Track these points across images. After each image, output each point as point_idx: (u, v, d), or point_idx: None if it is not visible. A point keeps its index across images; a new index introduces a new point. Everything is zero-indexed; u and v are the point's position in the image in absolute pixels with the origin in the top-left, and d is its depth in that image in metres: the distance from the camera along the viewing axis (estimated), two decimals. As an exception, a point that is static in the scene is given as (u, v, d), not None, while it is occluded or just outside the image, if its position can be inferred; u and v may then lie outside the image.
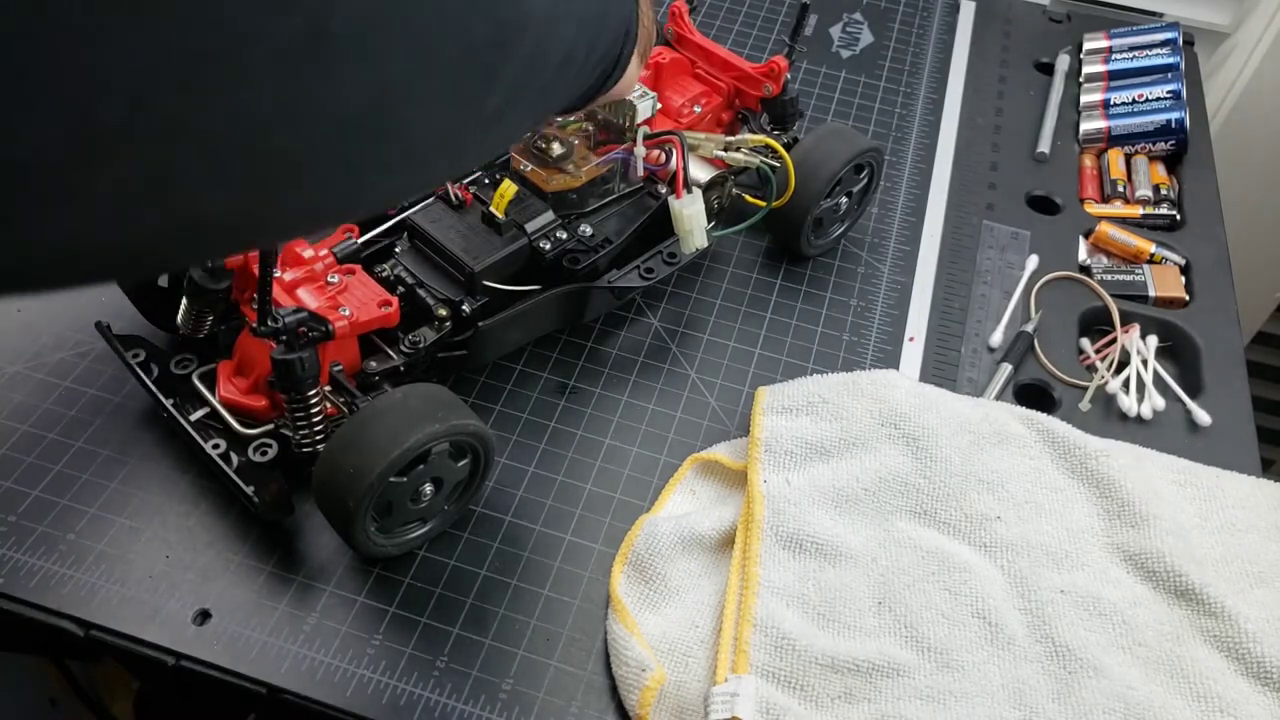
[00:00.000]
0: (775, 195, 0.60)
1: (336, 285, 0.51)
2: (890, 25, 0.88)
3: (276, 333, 0.45)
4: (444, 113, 0.25)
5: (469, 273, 0.53)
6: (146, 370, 0.52)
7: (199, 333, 0.52)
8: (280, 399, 0.48)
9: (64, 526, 0.50)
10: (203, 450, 0.49)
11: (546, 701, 0.46)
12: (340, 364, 0.50)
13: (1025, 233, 0.70)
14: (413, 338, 0.52)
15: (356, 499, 0.44)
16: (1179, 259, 0.69)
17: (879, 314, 0.65)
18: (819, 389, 0.56)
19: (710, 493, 0.54)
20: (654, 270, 0.58)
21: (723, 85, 0.65)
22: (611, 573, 0.50)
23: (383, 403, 0.46)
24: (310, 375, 0.46)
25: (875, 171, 0.65)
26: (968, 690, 0.46)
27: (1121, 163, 0.75)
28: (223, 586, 0.49)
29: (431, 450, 0.46)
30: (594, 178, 0.58)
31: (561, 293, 0.56)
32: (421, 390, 0.47)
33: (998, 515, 0.53)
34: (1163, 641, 0.49)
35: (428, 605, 0.49)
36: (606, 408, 0.58)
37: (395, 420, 0.45)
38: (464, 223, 0.56)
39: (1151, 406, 0.59)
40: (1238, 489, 0.55)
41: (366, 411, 0.46)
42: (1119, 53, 0.82)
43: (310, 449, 0.48)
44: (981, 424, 0.56)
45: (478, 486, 0.51)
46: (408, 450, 0.44)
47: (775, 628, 0.46)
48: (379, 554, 0.49)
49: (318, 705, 0.45)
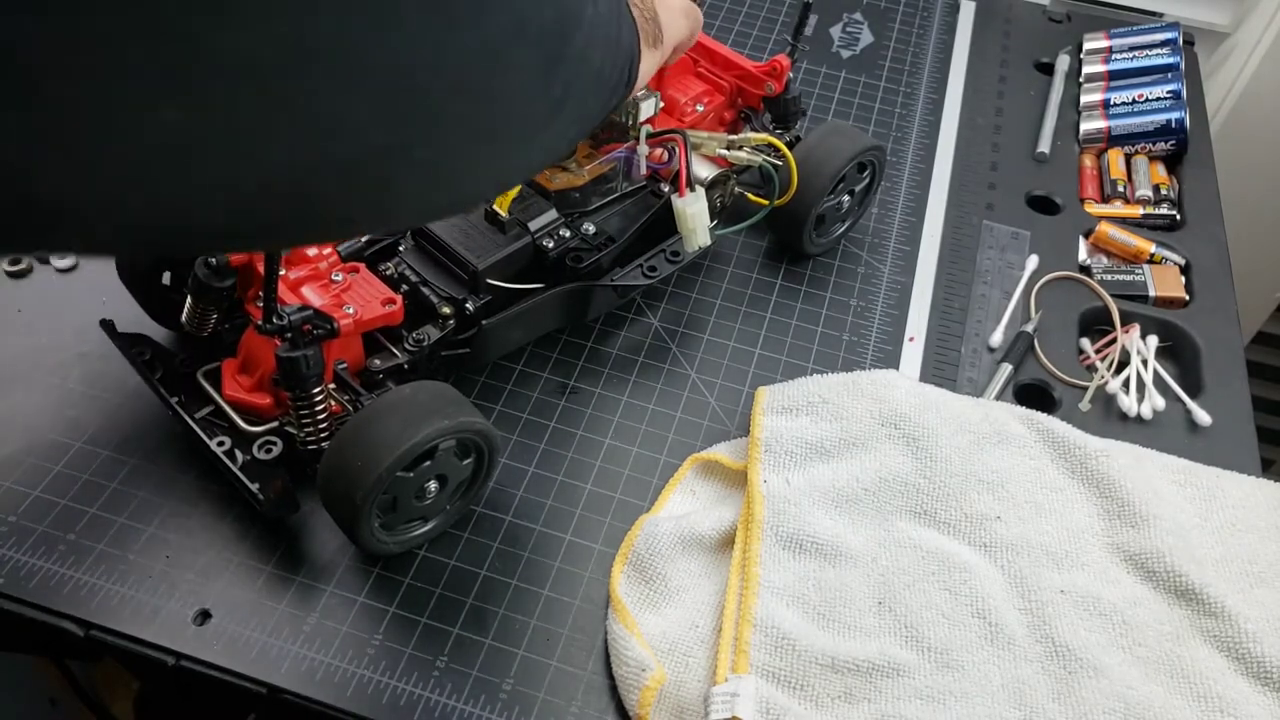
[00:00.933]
0: (778, 194, 0.60)
1: (341, 283, 0.51)
2: (890, 25, 0.88)
3: (282, 330, 0.45)
4: (527, 82, 0.27)
5: (472, 271, 0.53)
6: (151, 368, 0.52)
7: (204, 331, 0.53)
8: (285, 397, 0.48)
9: (64, 526, 0.50)
10: (207, 448, 0.49)
11: (546, 701, 0.46)
12: (345, 362, 0.50)
13: (1025, 233, 0.70)
14: (416, 336, 0.52)
15: (364, 492, 0.44)
16: (1179, 259, 0.69)
17: (879, 314, 0.65)
18: (819, 389, 0.56)
19: (710, 493, 0.54)
20: (657, 269, 0.58)
21: (725, 84, 0.65)
22: (611, 573, 0.50)
23: (392, 397, 0.46)
24: (315, 373, 0.46)
25: (877, 170, 0.65)
26: (968, 690, 0.46)
27: (1121, 163, 0.75)
28: (223, 586, 0.49)
29: (439, 446, 0.46)
30: (597, 176, 0.58)
31: (564, 291, 0.56)
32: (430, 387, 0.47)
33: (998, 515, 0.53)
34: (1163, 641, 0.49)
35: (428, 605, 0.49)
36: (606, 408, 0.58)
37: (405, 415, 0.45)
38: (467, 221, 0.56)
39: (1151, 406, 0.59)
40: (1238, 489, 0.55)
41: (376, 406, 0.46)
42: (1119, 53, 0.82)
43: (315, 446, 0.48)
44: (981, 424, 0.56)
45: (480, 486, 0.51)
46: (417, 444, 0.44)
47: (775, 628, 0.46)
48: (381, 551, 0.49)
49: (318, 705, 0.45)
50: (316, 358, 0.46)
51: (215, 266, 0.49)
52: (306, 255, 0.51)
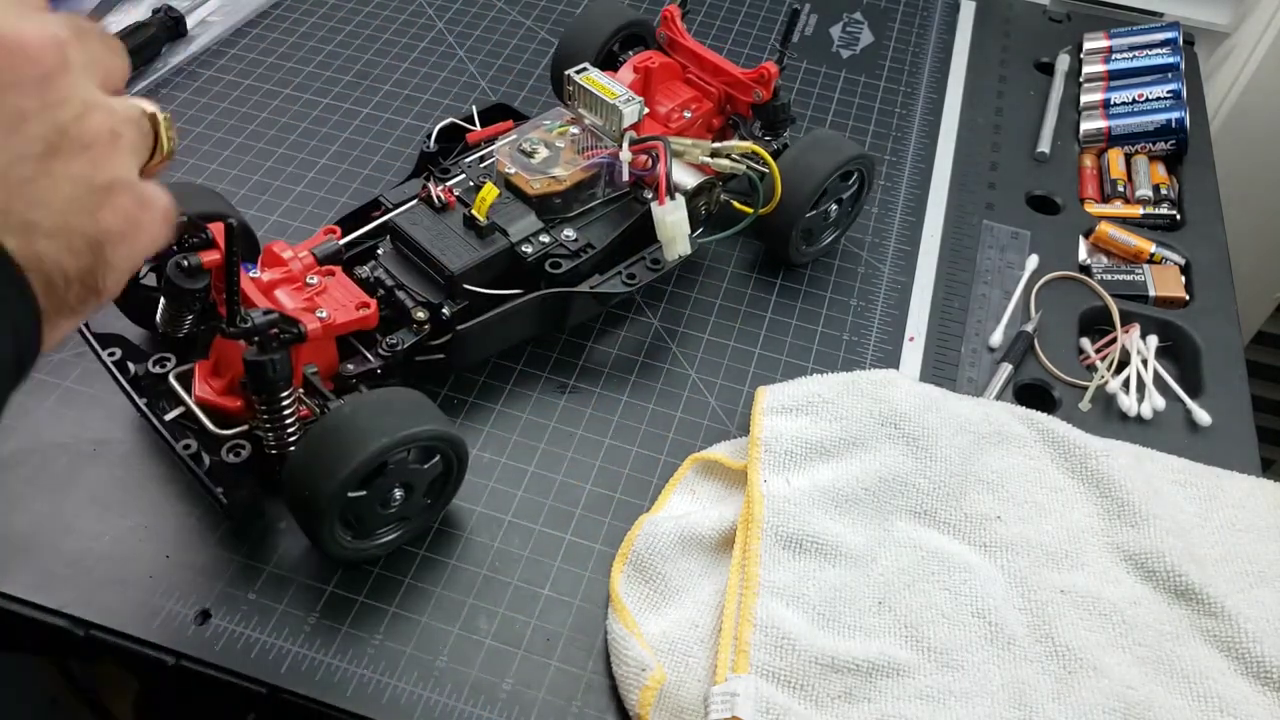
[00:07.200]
0: (762, 202, 0.60)
1: (315, 286, 0.51)
2: (890, 25, 0.88)
3: (248, 334, 0.45)
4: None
5: (449, 276, 0.53)
6: (123, 369, 0.51)
7: (177, 332, 0.52)
8: (254, 400, 0.48)
9: (64, 527, 0.50)
10: (173, 450, 0.48)
11: (546, 701, 0.46)
12: (316, 366, 0.50)
13: (1025, 233, 0.70)
14: (390, 340, 0.52)
15: (317, 517, 0.44)
16: (1179, 259, 0.69)
17: (879, 314, 0.65)
18: (819, 389, 0.56)
19: (710, 493, 0.54)
20: (636, 276, 0.57)
21: (713, 90, 0.65)
22: (611, 573, 0.50)
23: (332, 419, 0.45)
24: (283, 377, 0.46)
25: (865, 177, 0.65)
26: (968, 690, 0.46)
27: (1121, 162, 0.75)
28: (223, 586, 0.49)
29: (388, 462, 0.45)
30: (579, 182, 0.58)
31: (542, 297, 0.55)
32: (371, 401, 0.46)
33: (998, 515, 0.53)
34: (1163, 641, 0.49)
35: (428, 605, 0.49)
36: (606, 408, 0.58)
37: (344, 437, 0.44)
38: (446, 225, 0.55)
39: (1151, 406, 0.59)
40: (1238, 489, 0.55)
41: (317, 429, 0.45)
42: (1119, 52, 0.82)
43: (281, 451, 0.48)
44: (982, 424, 0.56)
45: (456, 481, 0.50)
46: (355, 471, 0.43)
47: (775, 628, 0.46)
48: (362, 559, 0.49)
49: (318, 705, 0.45)
50: (284, 362, 0.46)
51: (187, 268, 0.48)
52: (281, 258, 0.51)
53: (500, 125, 0.63)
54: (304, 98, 0.76)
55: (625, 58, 0.67)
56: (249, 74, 0.77)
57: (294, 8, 0.84)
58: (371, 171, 0.70)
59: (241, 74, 0.77)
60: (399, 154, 0.72)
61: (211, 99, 0.75)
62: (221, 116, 0.73)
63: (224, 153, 0.71)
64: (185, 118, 0.73)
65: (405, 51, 0.81)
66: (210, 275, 0.49)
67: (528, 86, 0.79)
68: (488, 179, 0.58)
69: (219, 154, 0.71)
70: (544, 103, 0.76)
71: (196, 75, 0.77)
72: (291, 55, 0.79)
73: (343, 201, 0.68)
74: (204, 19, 0.81)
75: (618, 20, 0.69)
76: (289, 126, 0.73)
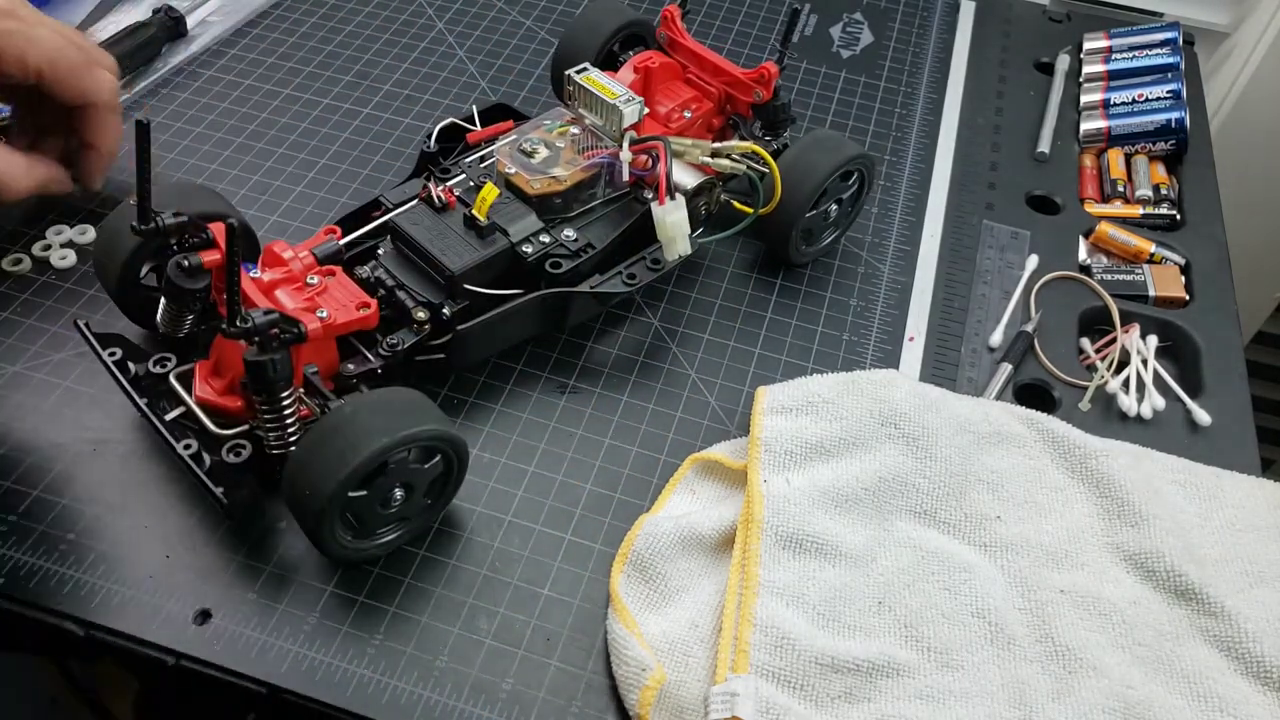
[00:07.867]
0: (762, 202, 0.60)
1: (316, 286, 0.51)
2: (890, 25, 0.88)
3: (248, 334, 0.45)
4: None
5: (449, 275, 0.53)
6: (123, 369, 0.51)
7: (178, 332, 0.52)
8: (255, 400, 0.47)
9: (64, 526, 0.50)
10: (174, 450, 0.48)
11: (546, 701, 0.46)
12: (316, 366, 0.50)
13: (1025, 233, 0.70)
14: (390, 340, 0.52)
15: (317, 517, 0.44)
16: (1179, 259, 0.69)
17: (879, 314, 0.65)
18: (819, 389, 0.56)
19: (710, 492, 0.54)
20: (637, 276, 0.57)
21: (714, 90, 0.65)
22: (611, 572, 0.50)
23: (332, 419, 0.45)
24: (283, 377, 0.46)
25: (865, 177, 0.65)
26: (968, 690, 0.46)
27: (1121, 162, 0.75)
28: (223, 586, 0.49)
29: (388, 461, 0.45)
30: (579, 182, 0.58)
31: (542, 297, 0.55)
32: (372, 401, 0.46)
33: (998, 515, 0.53)
34: (1163, 641, 0.49)
35: (428, 605, 0.49)
36: (606, 408, 0.58)
37: (344, 437, 0.44)
38: (446, 225, 0.55)
39: (1151, 406, 0.59)
40: (1238, 489, 0.55)
41: (317, 429, 0.45)
42: (1119, 52, 0.82)
43: (282, 451, 0.48)
44: (981, 424, 0.56)
45: (456, 481, 0.50)
46: (355, 470, 0.43)
47: (775, 628, 0.46)
48: (362, 559, 0.49)
49: (318, 705, 0.45)
50: (284, 362, 0.46)
51: (188, 268, 0.48)
52: (282, 258, 0.51)
53: (500, 125, 0.63)
54: (304, 98, 0.76)
55: (625, 58, 0.67)
56: (249, 74, 0.77)
57: (294, 8, 0.84)
58: (371, 171, 0.71)
59: (241, 74, 0.77)
60: (399, 154, 0.72)
61: (211, 99, 0.75)
62: (221, 116, 0.74)
63: (224, 153, 0.71)
64: (185, 118, 0.73)
65: (405, 51, 0.81)
66: (211, 275, 0.49)
67: (528, 86, 0.79)
68: (488, 179, 0.58)
69: (219, 154, 0.71)
70: (544, 103, 0.76)
71: (196, 75, 0.77)
72: (291, 55, 0.79)
73: (343, 201, 0.68)
74: (204, 19, 0.81)
75: (618, 20, 0.69)
76: (289, 126, 0.73)
